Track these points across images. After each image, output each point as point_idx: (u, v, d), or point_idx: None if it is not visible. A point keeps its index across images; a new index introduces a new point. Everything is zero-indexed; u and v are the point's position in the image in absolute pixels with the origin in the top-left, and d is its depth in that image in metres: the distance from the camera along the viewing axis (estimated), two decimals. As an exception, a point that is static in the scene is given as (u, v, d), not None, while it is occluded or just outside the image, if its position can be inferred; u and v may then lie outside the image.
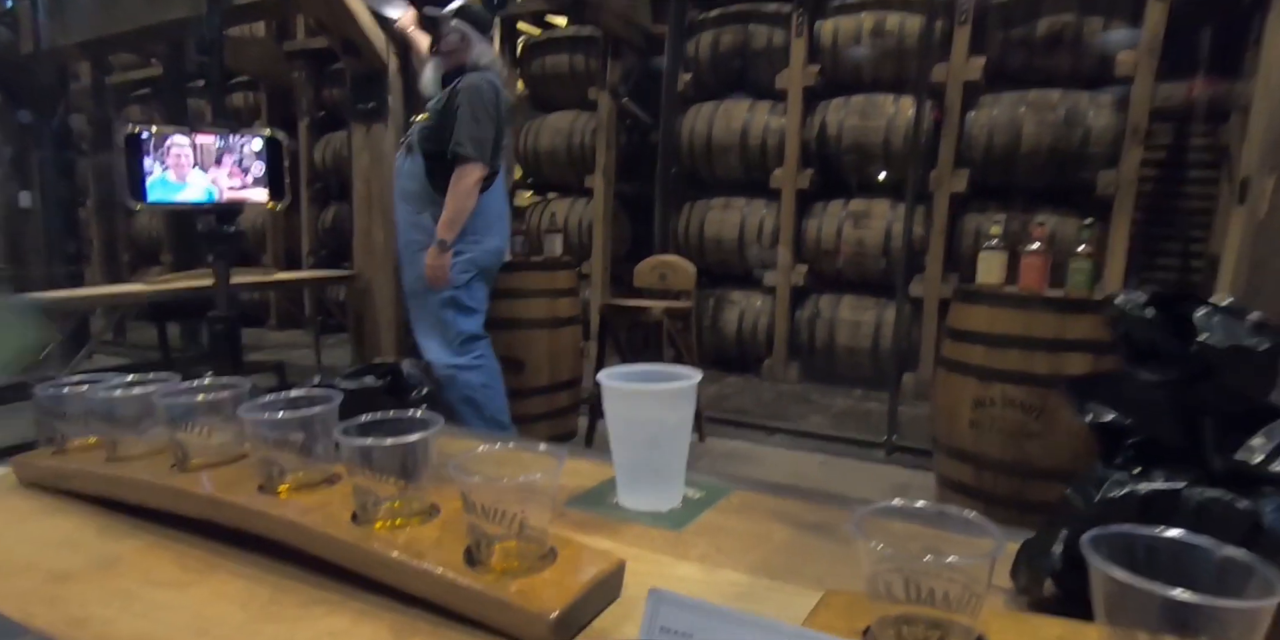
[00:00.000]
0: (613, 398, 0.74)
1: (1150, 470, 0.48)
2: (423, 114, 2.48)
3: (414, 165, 2.45)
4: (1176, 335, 0.48)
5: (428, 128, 2.43)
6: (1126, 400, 0.51)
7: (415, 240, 2.49)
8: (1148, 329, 0.49)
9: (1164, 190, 3.68)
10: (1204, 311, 0.48)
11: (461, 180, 2.36)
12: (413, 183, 2.47)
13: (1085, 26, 3.65)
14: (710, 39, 4.46)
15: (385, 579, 0.57)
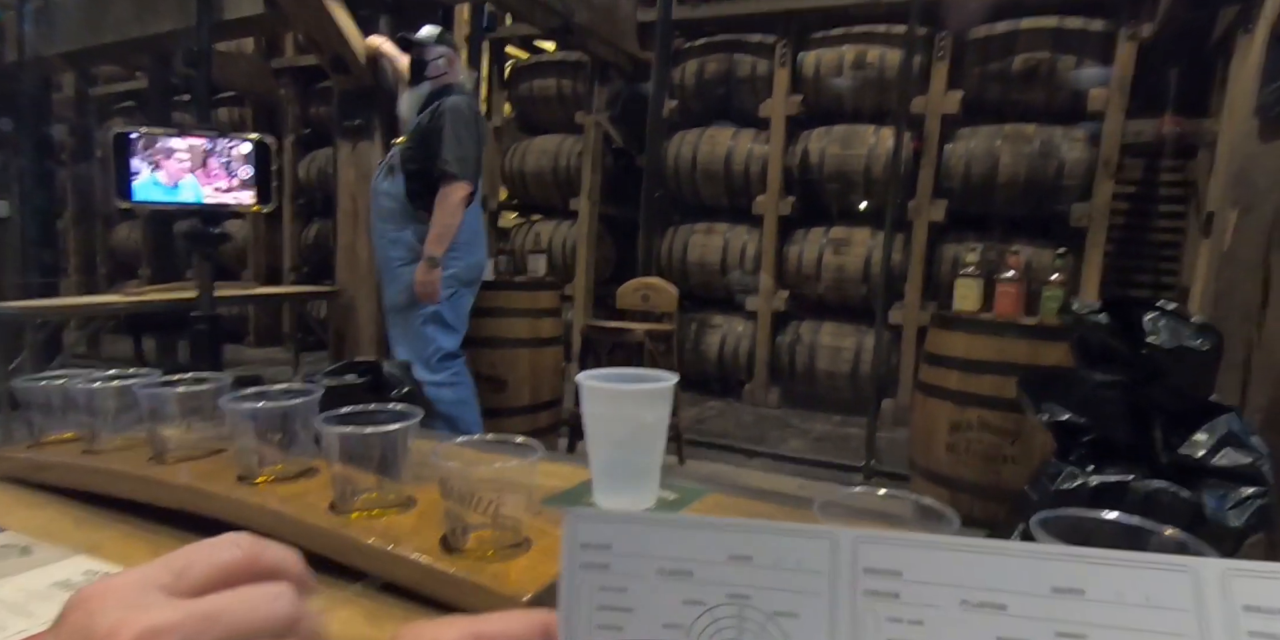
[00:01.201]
0: (591, 397, 0.74)
1: (1102, 464, 0.50)
2: (401, 137, 2.54)
3: (394, 185, 2.50)
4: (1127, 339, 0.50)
5: (409, 148, 2.48)
6: (1080, 400, 0.53)
7: (396, 257, 2.52)
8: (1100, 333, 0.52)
9: (1135, 223, 3.79)
10: (1152, 315, 0.50)
11: (449, 197, 2.42)
12: (392, 202, 2.51)
13: (1059, 63, 3.78)
14: (695, 67, 4.55)
15: (361, 565, 0.57)
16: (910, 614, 0.22)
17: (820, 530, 0.23)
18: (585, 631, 0.24)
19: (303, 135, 5.60)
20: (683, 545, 0.24)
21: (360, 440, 0.67)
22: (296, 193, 5.66)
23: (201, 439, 0.76)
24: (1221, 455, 0.47)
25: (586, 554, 0.25)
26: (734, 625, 0.23)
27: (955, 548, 0.22)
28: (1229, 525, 0.45)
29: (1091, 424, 0.49)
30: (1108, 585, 0.21)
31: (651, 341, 3.07)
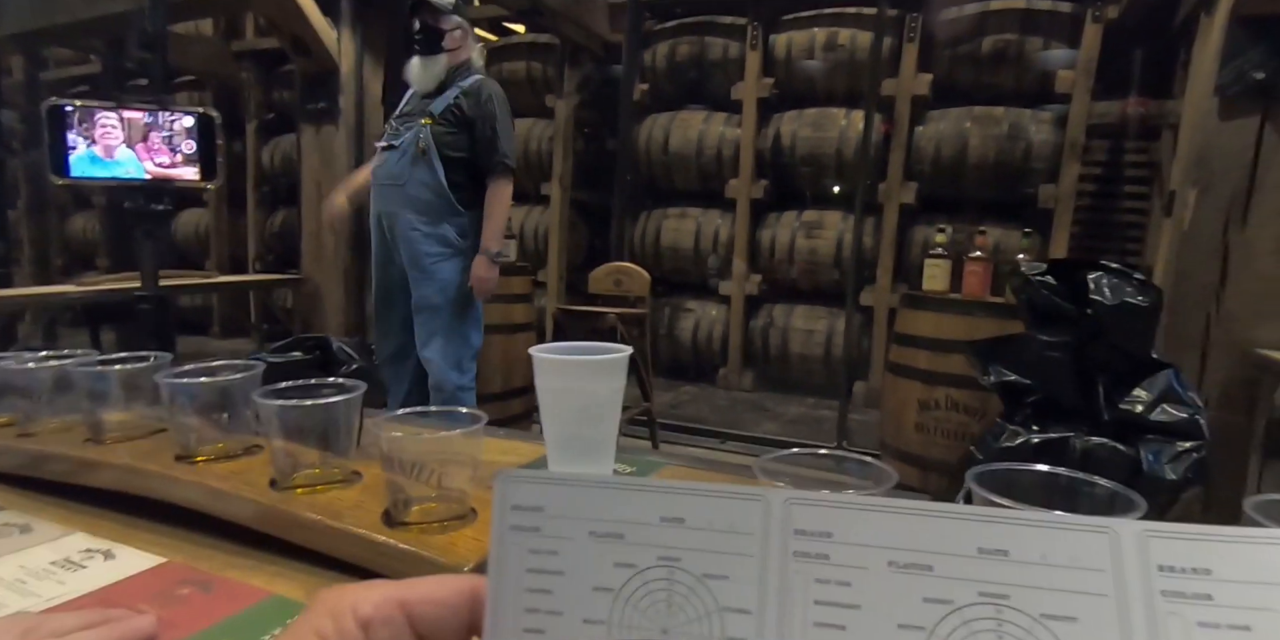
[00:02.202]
0: (544, 369, 0.73)
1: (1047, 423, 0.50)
2: (425, 117, 2.28)
3: (429, 173, 2.28)
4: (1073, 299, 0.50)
5: (450, 134, 2.28)
6: (1027, 361, 0.54)
7: (433, 253, 2.33)
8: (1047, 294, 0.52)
9: (1100, 204, 3.83)
10: (1096, 274, 0.51)
11: (503, 191, 2.36)
12: (426, 192, 2.28)
13: (1027, 45, 3.80)
14: (667, 49, 4.51)
15: (302, 541, 0.56)
16: (838, 575, 0.22)
17: (752, 492, 0.23)
18: (514, 595, 0.23)
19: (265, 120, 5.46)
20: (615, 507, 0.24)
21: (300, 413, 0.66)
22: (260, 180, 5.53)
23: (141, 419, 0.74)
24: (1160, 411, 0.48)
25: (517, 516, 0.24)
26: (664, 587, 0.23)
27: (886, 509, 0.22)
28: (1166, 479, 0.46)
29: (1038, 384, 0.50)
30: (1032, 546, 0.21)
31: (624, 325, 3.05)
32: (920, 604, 0.21)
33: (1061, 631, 0.20)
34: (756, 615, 0.22)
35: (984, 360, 0.51)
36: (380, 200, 2.34)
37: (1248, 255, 1.96)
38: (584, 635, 0.23)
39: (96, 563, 0.56)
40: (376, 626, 0.24)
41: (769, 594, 0.22)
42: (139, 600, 0.49)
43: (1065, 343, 0.47)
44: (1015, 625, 0.20)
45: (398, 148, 2.29)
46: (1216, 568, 0.20)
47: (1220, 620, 0.19)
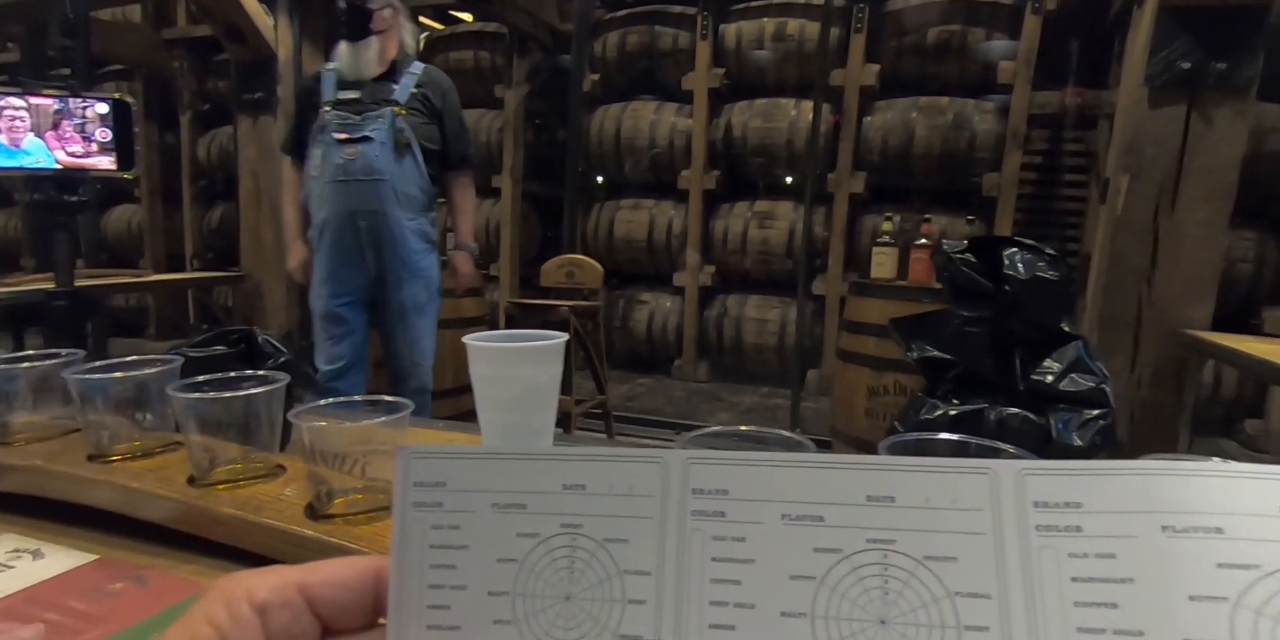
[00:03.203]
0: (478, 357, 0.71)
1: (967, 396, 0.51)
2: (391, 106, 2.10)
3: (414, 167, 2.13)
4: (991, 277, 0.51)
5: (424, 124, 2.15)
6: (948, 337, 0.54)
7: (420, 249, 2.20)
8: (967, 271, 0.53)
9: (1042, 192, 3.94)
10: (1010, 250, 0.52)
11: (472, 186, 2.28)
12: (412, 186, 2.14)
13: (970, 36, 3.87)
14: (617, 39, 4.47)
15: (222, 538, 0.55)
16: (734, 532, 0.22)
17: (651, 454, 0.23)
18: (417, 572, 0.23)
19: (201, 112, 5.25)
20: (517, 478, 0.24)
21: (217, 407, 0.64)
22: (196, 174, 5.32)
23: (53, 420, 0.71)
24: (1069, 381, 0.50)
25: (419, 492, 0.24)
26: (566, 555, 0.23)
27: (778, 463, 0.22)
28: (1074, 445, 0.48)
29: (958, 359, 0.51)
30: (917, 491, 0.21)
31: (577, 318, 3.02)
32: (811, 554, 0.21)
33: (942, 571, 0.21)
34: (655, 576, 0.22)
35: (906, 336, 0.53)
36: (354, 198, 2.08)
37: (1176, 239, 2.03)
38: (489, 607, 0.23)
39: (25, 562, 0.54)
40: (274, 611, 0.24)
41: (668, 554, 0.22)
42: (70, 597, 0.48)
43: (984, 318, 0.48)
44: (900, 568, 0.21)
45: (372, 140, 2.07)
46: (1086, 500, 0.20)
47: (1089, 550, 0.20)
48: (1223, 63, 2.05)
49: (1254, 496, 0.20)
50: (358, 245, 2.14)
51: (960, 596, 0.20)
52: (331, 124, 2.08)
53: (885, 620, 0.21)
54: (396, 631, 0.23)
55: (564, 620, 0.22)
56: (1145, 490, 0.20)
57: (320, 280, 2.18)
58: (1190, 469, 0.20)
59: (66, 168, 1.74)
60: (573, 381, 3.04)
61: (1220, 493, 0.20)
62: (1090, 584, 0.20)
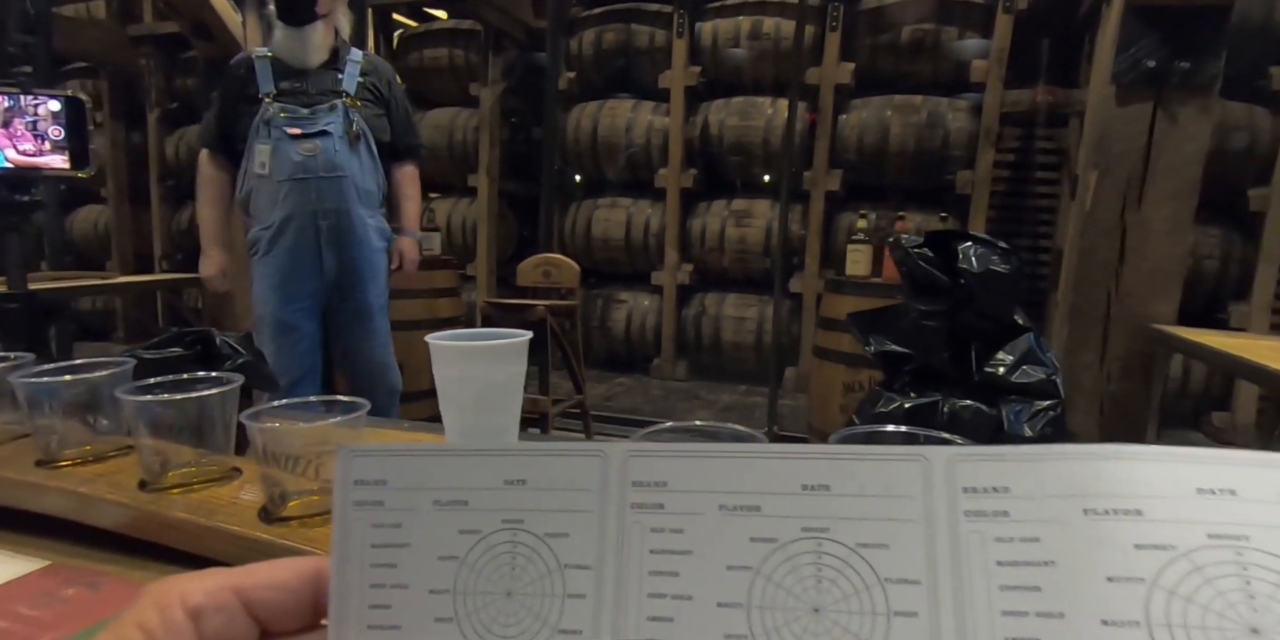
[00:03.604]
0: (440, 356, 0.70)
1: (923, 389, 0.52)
2: (342, 97, 2.01)
3: (370, 161, 2.06)
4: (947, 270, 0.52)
5: (375, 115, 2.07)
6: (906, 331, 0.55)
7: (379, 248, 2.12)
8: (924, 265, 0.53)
9: (1014, 189, 3.98)
10: (965, 244, 0.53)
11: (418, 176, 2.20)
12: (370, 182, 2.07)
13: (943, 35, 3.90)
14: (593, 37, 4.46)
15: (173, 543, 0.54)
16: (673, 523, 0.22)
17: (592, 447, 0.23)
18: (358, 572, 0.23)
19: (169, 110, 5.14)
20: (459, 474, 0.24)
21: (168, 409, 0.62)
22: (164, 174, 5.21)
23: (2, 425, 0.70)
24: (1020, 372, 0.51)
25: (360, 491, 0.24)
26: (508, 550, 0.23)
27: (716, 454, 0.23)
28: (1024, 435, 0.49)
29: (915, 353, 0.52)
30: (851, 479, 0.22)
31: (554, 317, 3.00)
32: (748, 544, 0.22)
33: (874, 558, 0.21)
34: (596, 569, 0.22)
35: (864, 331, 0.53)
36: (317, 196, 1.98)
37: (1143, 235, 2.06)
38: (430, 606, 0.23)
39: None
40: (208, 615, 0.23)
41: (608, 547, 0.22)
42: (19, 604, 0.48)
43: (940, 311, 0.49)
44: (834, 556, 0.21)
45: (330, 134, 1.97)
46: (1014, 485, 0.21)
47: (1015, 534, 0.20)
48: (1187, 61, 2.08)
49: (1171, 479, 0.20)
50: (316, 247, 2.02)
51: (891, 583, 0.21)
52: (278, 117, 1.94)
53: (819, 608, 0.21)
54: (337, 632, 0.23)
55: (505, 616, 0.22)
56: (1069, 474, 0.20)
57: (271, 287, 2.04)
58: (1111, 453, 0.21)
59: (18, 166, 1.69)
60: (550, 381, 3.03)
61: (1139, 475, 0.20)
62: (1015, 568, 0.20)
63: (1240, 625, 0.19)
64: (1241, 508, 0.20)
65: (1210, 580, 0.19)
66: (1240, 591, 0.19)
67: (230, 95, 2.02)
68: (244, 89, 1.99)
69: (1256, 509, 0.20)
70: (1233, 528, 0.19)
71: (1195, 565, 0.19)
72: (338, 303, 2.11)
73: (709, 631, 0.21)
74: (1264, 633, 0.18)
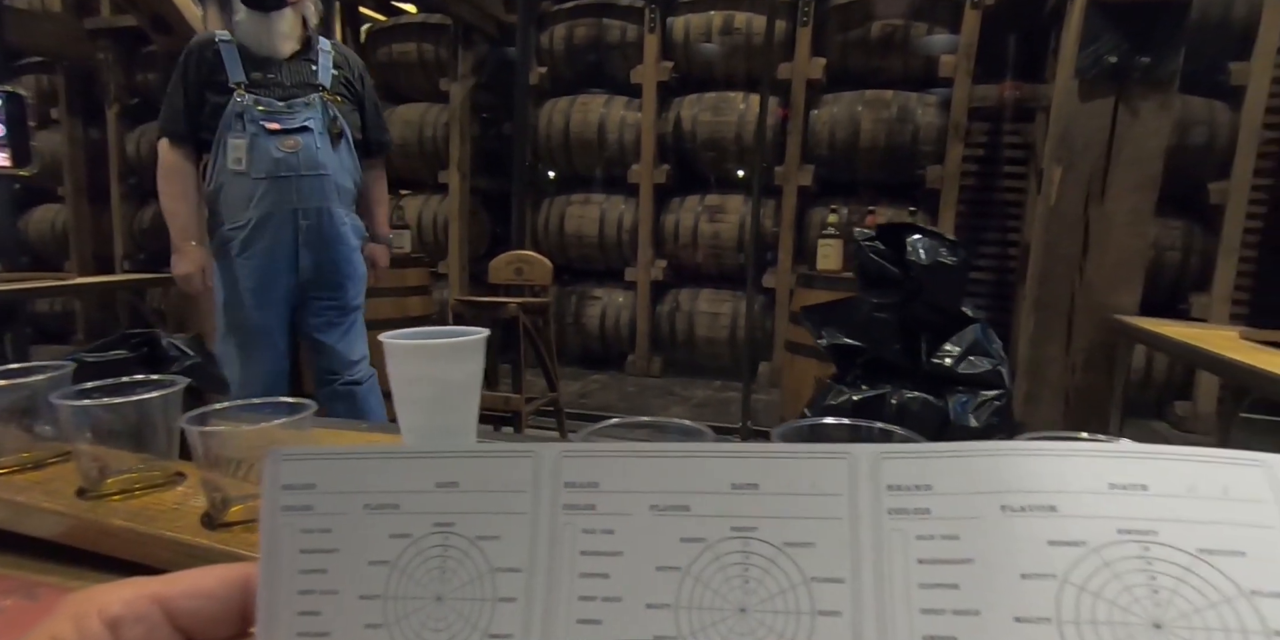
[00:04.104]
0: (394, 356, 0.68)
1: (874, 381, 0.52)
2: (318, 91, 1.93)
3: (350, 158, 2.00)
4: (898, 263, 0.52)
5: (352, 110, 2.00)
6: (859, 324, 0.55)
7: (356, 247, 2.06)
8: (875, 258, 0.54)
9: (983, 184, 4.03)
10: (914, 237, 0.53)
11: (385, 173, 2.13)
12: (349, 180, 2.00)
13: (912, 30, 3.93)
14: (564, 31, 4.43)
15: (112, 551, 0.53)
16: (604, 524, 0.22)
17: (524, 449, 0.23)
18: (287, 578, 0.23)
19: (129, 106, 5.01)
20: (389, 477, 0.23)
21: (107, 413, 0.60)
22: (125, 172, 5.08)
23: None
24: (967, 363, 0.51)
25: (288, 496, 0.24)
26: (439, 554, 0.23)
27: (649, 454, 0.23)
28: (970, 426, 0.50)
29: (868, 345, 0.52)
30: (780, 478, 0.22)
31: (527, 315, 2.98)
32: (678, 544, 0.22)
33: (800, 557, 0.21)
34: (527, 572, 0.22)
35: (817, 324, 0.54)
36: (299, 195, 1.90)
37: (1105, 228, 2.09)
38: (360, 612, 0.22)
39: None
40: (127, 625, 0.22)
41: (539, 550, 0.22)
42: None
43: (892, 304, 0.49)
44: (761, 555, 0.21)
45: (311, 130, 1.88)
46: (936, 482, 0.21)
47: (935, 532, 0.20)
48: (1147, 57, 2.11)
49: (1086, 474, 0.20)
50: (293, 247, 1.94)
51: (816, 582, 0.21)
52: (254, 110, 1.85)
53: (745, 608, 0.21)
54: None
55: (434, 621, 0.22)
56: (989, 471, 0.21)
57: (245, 290, 1.95)
58: (1030, 449, 0.21)
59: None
60: (524, 379, 3.00)
61: (1055, 472, 0.20)
62: (935, 565, 0.20)
63: (1144, 620, 0.19)
64: (1151, 502, 0.20)
65: (1118, 575, 0.19)
66: (1145, 586, 0.19)
67: (195, 80, 1.88)
68: (211, 75, 1.87)
69: (1165, 503, 0.20)
70: (1141, 523, 0.20)
71: (1104, 561, 0.19)
72: (313, 302, 2.03)
73: (637, 633, 0.21)
74: (1166, 627, 0.19)
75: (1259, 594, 0.18)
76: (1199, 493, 0.20)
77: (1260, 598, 0.18)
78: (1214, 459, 0.20)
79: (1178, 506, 0.20)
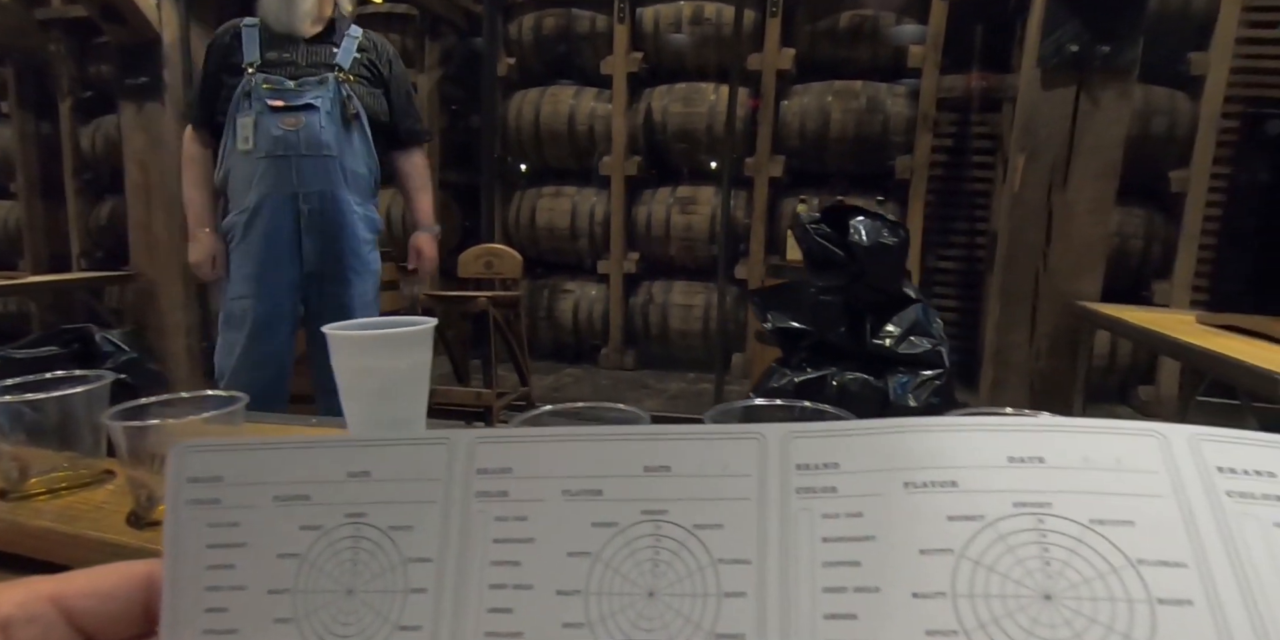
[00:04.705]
0: (339, 347, 0.66)
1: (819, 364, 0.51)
2: (334, 71, 1.82)
3: (363, 143, 1.88)
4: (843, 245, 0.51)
5: (371, 94, 1.89)
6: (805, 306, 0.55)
7: (369, 239, 1.94)
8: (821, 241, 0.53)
9: (951, 174, 4.06)
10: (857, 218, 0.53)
11: (426, 162, 2.02)
12: (362, 166, 1.87)
13: (880, 21, 3.94)
14: (533, 22, 4.37)
15: (35, 552, 0.52)
16: (516, 511, 0.22)
17: (437, 436, 0.23)
18: (193, 575, 0.22)
19: (83, 99, 4.85)
20: (300, 468, 0.23)
21: (29, 410, 0.57)
22: (80, 167, 4.92)
23: None
24: (907, 343, 0.52)
25: (194, 489, 0.23)
26: (350, 546, 0.22)
27: (560, 439, 0.22)
28: (909, 406, 0.50)
29: (814, 328, 0.52)
30: (692, 459, 0.22)
31: (497, 309, 2.95)
32: (589, 529, 0.21)
33: (709, 539, 0.21)
34: (438, 562, 0.22)
35: (763, 308, 0.53)
36: (296, 177, 1.79)
37: (1068, 215, 2.12)
38: (268, 607, 0.22)
39: None
40: (18, 626, 0.22)
41: (450, 539, 0.22)
42: None
43: (837, 286, 0.49)
44: (671, 538, 0.21)
45: (316, 108, 1.77)
46: (842, 460, 0.21)
47: (840, 510, 0.21)
48: (1107, 46, 2.14)
49: (986, 448, 0.20)
50: (295, 234, 1.82)
51: (723, 564, 0.21)
52: (260, 88, 1.76)
53: (654, 592, 0.21)
54: (171, 638, 0.22)
55: (345, 615, 0.22)
56: (893, 448, 0.21)
57: (244, 277, 1.85)
58: (932, 425, 0.21)
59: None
60: (495, 374, 2.98)
61: (956, 447, 0.20)
62: (839, 544, 0.20)
63: (1035, 592, 0.19)
64: (1047, 475, 0.20)
65: (1011, 548, 0.19)
66: (1038, 559, 0.19)
67: (214, 66, 1.84)
68: (228, 58, 1.81)
69: (1060, 475, 0.20)
70: (1037, 495, 0.20)
71: (999, 534, 0.19)
72: (317, 297, 1.92)
73: (547, 620, 0.21)
74: (1056, 598, 0.19)
75: (1145, 563, 0.19)
76: (1093, 464, 0.20)
77: (1146, 566, 0.18)
78: (1109, 430, 0.20)
79: (1073, 478, 0.20)
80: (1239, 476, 0.19)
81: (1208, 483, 0.19)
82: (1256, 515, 0.18)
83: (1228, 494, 0.19)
